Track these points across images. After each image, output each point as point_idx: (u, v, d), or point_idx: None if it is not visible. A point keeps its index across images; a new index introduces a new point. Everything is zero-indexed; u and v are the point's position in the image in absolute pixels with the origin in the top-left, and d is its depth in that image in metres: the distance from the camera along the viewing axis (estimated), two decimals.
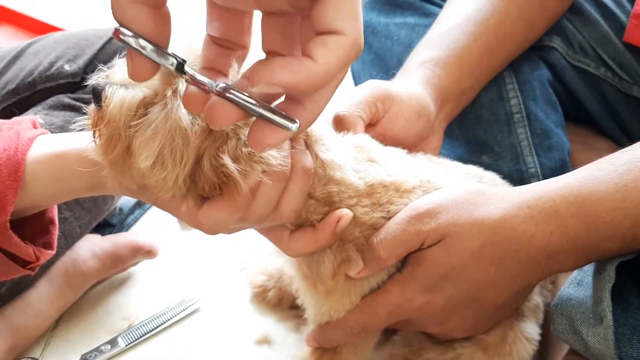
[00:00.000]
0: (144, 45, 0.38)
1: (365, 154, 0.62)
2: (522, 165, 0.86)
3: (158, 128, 0.49)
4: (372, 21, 1.02)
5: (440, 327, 0.64)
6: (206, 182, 0.51)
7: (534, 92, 0.90)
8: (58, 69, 0.92)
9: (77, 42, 0.96)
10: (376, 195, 0.60)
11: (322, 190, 0.58)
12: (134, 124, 0.50)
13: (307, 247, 0.60)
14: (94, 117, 0.53)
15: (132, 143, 0.51)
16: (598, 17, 0.90)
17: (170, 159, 0.50)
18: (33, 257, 0.62)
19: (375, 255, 0.60)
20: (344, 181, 0.59)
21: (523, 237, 0.58)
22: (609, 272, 0.58)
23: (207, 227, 0.54)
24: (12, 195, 0.58)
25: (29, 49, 0.96)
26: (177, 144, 0.50)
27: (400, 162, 0.65)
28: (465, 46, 0.81)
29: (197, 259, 1.02)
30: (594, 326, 0.58)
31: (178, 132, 0.49)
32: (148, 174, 0.51)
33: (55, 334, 0.89)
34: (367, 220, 0.60)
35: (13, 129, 0.62)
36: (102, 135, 0.52)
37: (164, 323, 0.89)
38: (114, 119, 0.51)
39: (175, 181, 0.51)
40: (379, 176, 0.61)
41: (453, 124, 0.85)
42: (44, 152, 0.60)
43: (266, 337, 0.88)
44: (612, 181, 0.57)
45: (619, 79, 0.89)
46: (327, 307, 0.64)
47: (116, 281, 0.97)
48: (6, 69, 0.94)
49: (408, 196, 0.61)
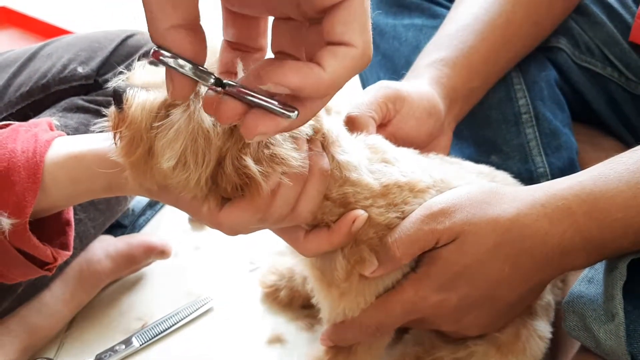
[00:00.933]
0: (182, 64, 0.39)
1: (380, 154, 0.63)
2: (531, 165, 0.87)
3: (180, 129, 0.50)
4: (380, 22, 1.03)
5: (454, 325, 0.65)
6: (228, 183, 0.52)
7: (542, 93, 0.91)
8: (71, 72, 0.93)
9: (89, 45, 0.97)
10: (391, 196, 0.61)
11: (338, 191, 0.59)
12: (156, 125, 0.51)
13: (322, 247, 0.61)
14: (114, 119, 0.54)
15: (154, 144, 0.52)
16: (604, 17, 0.91)
17: (193, 160, 0.51)
18: (51, 258, 0.63)
19: (390, 255, 0.60)
20: (359, 182, 0.60)
21: (537, 235, 0.59)
22: (621, 269, 0.59)
23: (227, 228, 0.55)
24: (32, 197, 0.59)
25: (41, 52, 0.97)
26: (200, 145, 0.51)
27: (413, 162, 0.65)
28: (473, 46, 0.82)
29: (208, 259, 1.03)
30: (605, 323, 0.59)
31: (200, 134, 0.50)
32: (170, 175, 0.52)
33: (70, 335, 0.90)
34: (382, 221, 0.61)
35: (31, 131, 0.63)
36: (124, 137, 0.53)
37: (178, 323, 0.90)
38: (136, 121, 0.52)
39: (197, 182, 0.52)
40: (393, 177, 0.62)
41: (462, 124, 0.86)
42: (62, 153, 0.61)
43: (278, 337, 0.89)
44: (624, 179, 0.58)
45: (625, 79, 0.90)
46: (342, 307, 0.65)
47: (129, 282, 0.98)
48: (19, 71, 0.94)
49: (422, 196, 0.62)
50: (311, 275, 0.67)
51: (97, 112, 0.90)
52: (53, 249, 0.64)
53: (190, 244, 1.06)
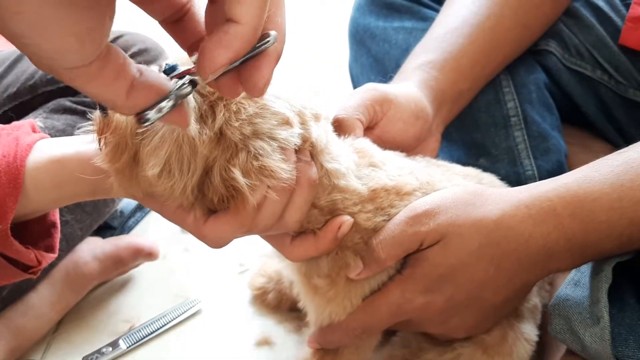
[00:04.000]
0: (162, 107, 0.37)
1: (367, 158, 0.63)
2: (519, 168, 0.87)
3: (165, 136, 0.50)
4: (371, 25, 1.03)
5: (440, 327, 0.65)
6: (215, 194, 0.52)
7: (531, 96, 0.91)
8: None
9: None
10: (378, 200, 0.61)
11: (326, 199, 0.59)
12: (141, 132, 0.50)
13: (308, 253, 0.61)
14: (99, 124, 0.53)
15: (139, 151, 0.51)
16: (593, 20, 0.91)
17: (178, 168, 0.50)
18: (35, 261, 0.63)
19: (375, 256, 0.60)
20: (347, 189, 0.59)
21: (521, 236, 0.59)
22: (606, 272, 0.59)
23: (212, 241, 0.55)
24: (12, 203, 0.58)
25: None
26: (185, 153, 0.50)
27: (400, 165, 0.65)
28: (461, 49, 0.82)
29: (197, 261, 1.03)
30: (590, 326, 0.59)
31: (185, 141, 0.50)
32: (155, 182, 0.51)
33: (57, 336, 0.90)
34: (369, 226, 0.61)
35: (12, 135, 0.61)
36: (109, 143, 0.52)
37: (165, 325, 0.90)
38: (121, 127, 0.51)
39: (183, 190, 0.51)
40: (381, 181, 0.62)
41: (451, 127, 0.85)
42: (43, 157, 0.60)
43: (266, 339, 0.89)
44: (608, 181, 0.58)
45: (615, 82, 0.90)
46: (328, 311, 0.64)
47: (117, 284, 0.98)
48: (7, 72, 0.94)
49: (408, 198, 0.62)
50: (297, 280, 0.67)
51: (84, 114, 0.90)
52: (37, 251, 0.63)
53: (179, 246, 1.05)
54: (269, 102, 0.52)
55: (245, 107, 0.51)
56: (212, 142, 0.51)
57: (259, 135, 0.52)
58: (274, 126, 0.52)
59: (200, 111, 0.50)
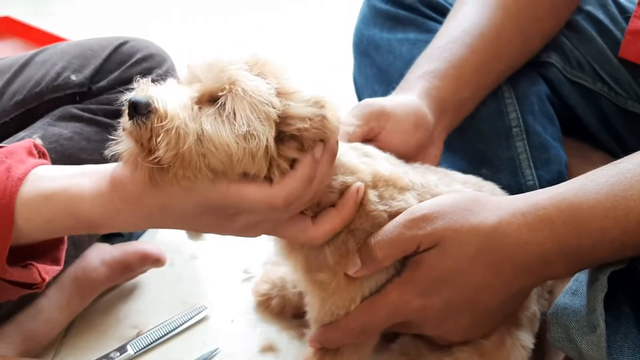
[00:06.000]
0: None
1: (359, 150, 0.67)
2: (520, 178, 0.89)
3: (238, 102, 0.54)
4: (375, 37, 1.05)
5: (438, 329, 0.67)
6: (291, 147, 0.57)
7: (532, 107, 0.92)
8: (65, 79, 0.93)
9: (82, 52, 0.97)
10: (380, 189, 0.64)
11: (337, 180, 0.63)
12: (211, 111, 0.54)
13: (334, 225, 0.63)
14: (142, 129, 0.54)
15: (205, 129, 0.54)
16: (594, 33, 0.92)
17: (259, 122, 0.54)
18: (38, 279, 0.62)
19: (372, 256, 0.62)
20: (356, 169, 0.63)
21: (517, 243, 0.61)
22: (602, 281, 0.60)
23: (284, 202, 0.57)
24: (5, 241, 0.57)
25: (35, 59, 0.97)
26: (262, 106, 0.54)
27: (393, 162, 0.69)
28: (463, 58, 0.84)
29: (203, 268, 1.05)
30: (587, 334, 0.60)
31: (259, 98, 0.54)
32: (236, 150, 0.54)
33: (66, 342, 0.91)
34: (371, 210, 0.63)
35: (4, 164, 0.60)
36: (166, 132, 0.53)
37: (173, 331, 0.91)
38: (177, 114, 0.54)
39: (265, 151, 0.55)
40: (379, 168, 0.65)
41: (453, 137, 0.87)
42: (32, 193, 0.58)
43: (271, 345, 0.90)
44: (603, 191, 0.59)
45: (615, 94, 0.92)
46: (330, 303, 0.67)
47: (125, 290, 0.99)
48: (13, 79, 0.94)
49: (405, 193, 0.65)
50: (301, 277, 0.69)
51: (90, 121, 0.91)
52: (41, 266, 0.63)
53: (186, 253, 1.07)
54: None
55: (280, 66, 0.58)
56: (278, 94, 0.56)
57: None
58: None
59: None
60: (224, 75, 0.55)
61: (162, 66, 0.98)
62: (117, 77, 0.95)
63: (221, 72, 0.55)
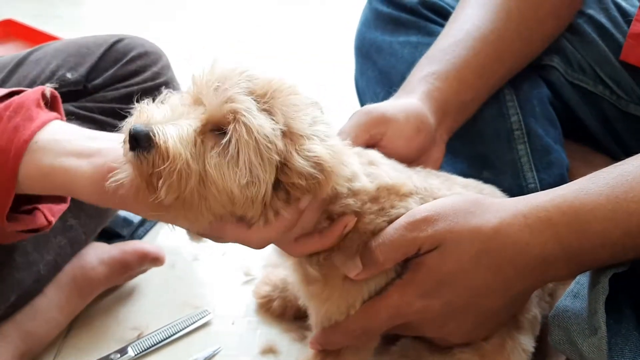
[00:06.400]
0: None
1: (364, 157, 0.66)
2: (522, 181, 0.89)
3: (240, 143, 0.53)
4: (377, 39, 1.05)
5: (438, 331, 0.67)
6: (293, 187, 0.56)
7: (534, 110, 0.92)
8: (60, 78, 0.92)
9: (77, 50, 0.97)
10: (382, 200, 0.64)
11: (340, 204, 0.62)
12: (214, 152, 0.53)
13: (312, 249, 0.64)
14: (142, 163, 0.53)
15: (208, 171, 0.53)
16: (596, 37, 0.93)
17: (261, 169, 0.53)
18: (44, 222, 0.65)
19: (373, 259, 0.62)
20: (359, 190, 0.63)
21: (518, 244, 0.60)
22: (603, 284, 0.60)
23: (258, 245, 0.60)
24: (5, 200, 0.60)
25: (30, 57, 0.96)
26: (263, 152, 0.53)
27: (397, 168, 0.68)
28: (465, 60, 0.84)
29: (204, 270, 1.05)
30: (588, 337, 0.60)
31: (263, 141, 0.53)
32: (239, 196, 0.53)
33: (66, 343, 0.91)
34: (368, 229, 0.63)
35: (13, 120, 0.61)
36: (167, 174, 0.52)
37: (175, 334, 0.91)
38: (179, 153, 0.52)
39: (264, 194, 0.54)
40: (383, 178, 0.64)
41: (455, 140, 0.87)
42: (33, 167, 0.61)
43: (271, 347, 0.90)
44: (604, 193, 0.59)
45: (617, 97, 0.92)
46: (324, 310, 0.67)
47: (126, 292, 0.99)
48: (8, 78, 0.93)
49: (406, 200, 0.65)
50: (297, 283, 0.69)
51: (85, 118, 0.90)
52: (47, 206, 0.65)
53: (187, 256, 1.07)
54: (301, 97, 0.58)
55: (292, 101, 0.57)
56: (283, 136, 0.55)
57: (317, 123, 0.57)
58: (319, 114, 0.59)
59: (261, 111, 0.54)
60: (229, 107, 0.54)
61: (157, 64, 0.98)
62: (113, 75, 0.95)
63: (226, 102, 0.54)
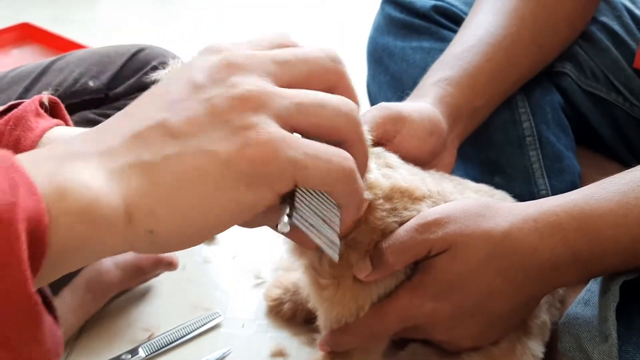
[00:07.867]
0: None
1: (382, 159, 0.66)
2: (533, 187, 0.89)
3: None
4: (389, 44, 1.06)
5: (447, 334, 0.66)
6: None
7: (546, 116, 0.92)
8: (82, 85, 0.96)
9: (99, 59, 1.00)
10: (395, 201, 0.63)
11: None
12: None
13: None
14: None
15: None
16: (609, 44, 0.92)
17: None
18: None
19: (383, 260, 0.62)
20: (374, 183, 0.62)
21: (527, 248, 0.60)
22: (614, 291, 0.60)
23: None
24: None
25: (53, 66, 0.99)
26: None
27: (413, 172, 0.68)
28: (477, 66, 0.84)
29: (215, 272, 1.06)
30: (599, 344, 0.60)
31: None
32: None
33: (78, 343, 0.92)
34: (379, 225, 0.63)
35: (14, 134, 0.60)
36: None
37: (186, 336, 0.92)
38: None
39: None
40: (397, 181, 0.64)
41: (466, 145, 0.87)
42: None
43: (281, 350, 0.90)
44: (615, 199, 0.59)
45: (630, 104, 0.91)
46: (335, 313, 0.66)
47: (138, 293, 1.00)
48: (32, 85, 0.96)
49: (419, 204, 0.64)
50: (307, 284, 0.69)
51: None
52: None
53: (198, 258, 1.08)
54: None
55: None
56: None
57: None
58: None
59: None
60: None
61: None
62: (134, 84, 0.98)
63: None
